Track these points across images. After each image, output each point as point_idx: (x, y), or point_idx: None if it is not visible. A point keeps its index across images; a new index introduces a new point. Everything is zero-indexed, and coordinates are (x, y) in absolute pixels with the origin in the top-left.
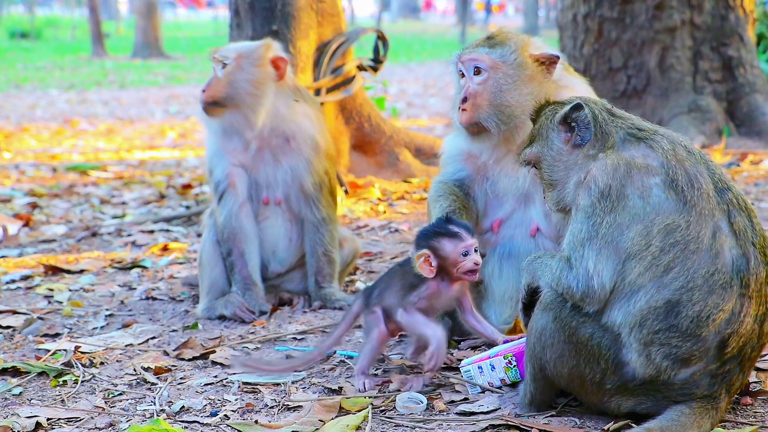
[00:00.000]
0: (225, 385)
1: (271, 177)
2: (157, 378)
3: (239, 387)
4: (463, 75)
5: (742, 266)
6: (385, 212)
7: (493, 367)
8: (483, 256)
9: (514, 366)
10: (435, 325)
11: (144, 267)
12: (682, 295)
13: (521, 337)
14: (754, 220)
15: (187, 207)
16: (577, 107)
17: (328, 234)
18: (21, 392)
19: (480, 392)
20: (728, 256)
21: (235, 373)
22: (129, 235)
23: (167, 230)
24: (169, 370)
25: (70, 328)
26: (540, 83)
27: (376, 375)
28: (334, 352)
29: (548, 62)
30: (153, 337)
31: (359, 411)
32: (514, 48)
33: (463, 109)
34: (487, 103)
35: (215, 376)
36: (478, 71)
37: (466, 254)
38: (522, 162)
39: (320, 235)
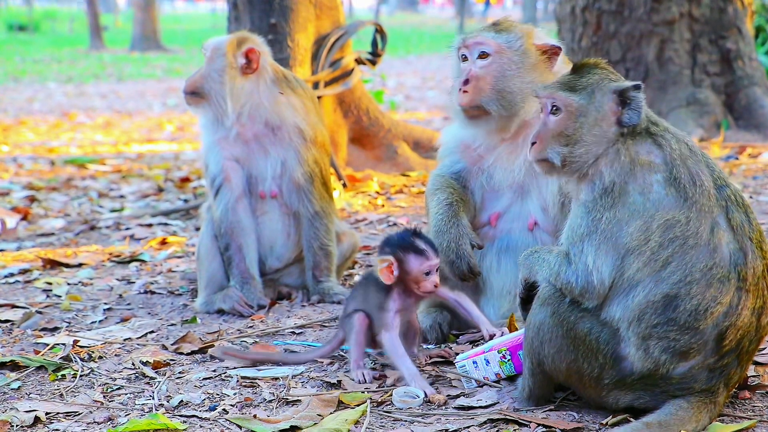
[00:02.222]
0: (224, 380)
1: (263, 169)
2: (156, 372)
3: (238, 381)
4: (465, 59)
5: (739, 260)
6: (383, 206)
7: (487, 362)
8: (480, 248)
9: (509, 360)
10: (410, 362)
11: (142, 261)
12: (680, 289)
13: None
14: (750, 216)
15: (186, 200)
16: (638, 87)
17: (324, 228)
18: (20, 386)
19: (476, 387)
20: (726, 250)
21: (235, 368)
22: (127, 229)
23: (165, 224)
24: (168, 364)
25: (69, 322)
26: (541, 73)
27: (374, 369)
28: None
29: (550, 53)
30: (151, 331)
31: (358, 405)
32: (520, 35)
33: (465, 91)
34: (490, 87)
35: (214, 371)
36: (483, 55)
37: (428, 273)
38: (546, 95)
39: (315, 229)
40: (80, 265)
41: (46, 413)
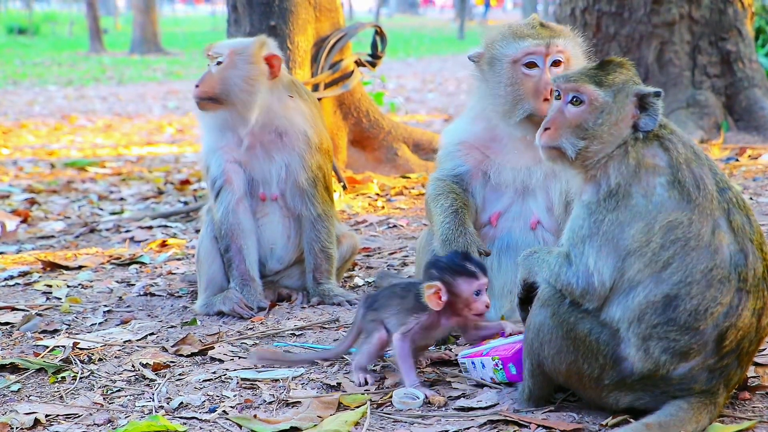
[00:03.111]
0: (223, 381)
1: (266, 173)
2: (156, 374)
3: (238, 383)
4: (532, 66)
5: (740, 261)
6: (383, 208)
7: (483, 366)
8: (487, 254)
9: (501, 369)
10: (415, 376)
11: (142, 263)
12: (681, 290)
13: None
14: (751, 218)
15: (186, 203)
16: (658, 94)
17: (325, 230)
18: (19, 389)
19: (475, 387)
20: (726, 252)
21: (235, 369)
22: (127, 231)
23: (165, 226)
24: (168, 366)
25: (69, 325)
26: None
27: (375, 371)
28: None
29: None
30: (151, 333)
31: (358, 407)
32: (573, 35)
33: (546, 99)
34: None
35: (214, 372)
36: (557, 63)
37: (478, 293)
38: (571, 86)
39: (316, 231)
40: (80, 267)
41: (46, 415)
